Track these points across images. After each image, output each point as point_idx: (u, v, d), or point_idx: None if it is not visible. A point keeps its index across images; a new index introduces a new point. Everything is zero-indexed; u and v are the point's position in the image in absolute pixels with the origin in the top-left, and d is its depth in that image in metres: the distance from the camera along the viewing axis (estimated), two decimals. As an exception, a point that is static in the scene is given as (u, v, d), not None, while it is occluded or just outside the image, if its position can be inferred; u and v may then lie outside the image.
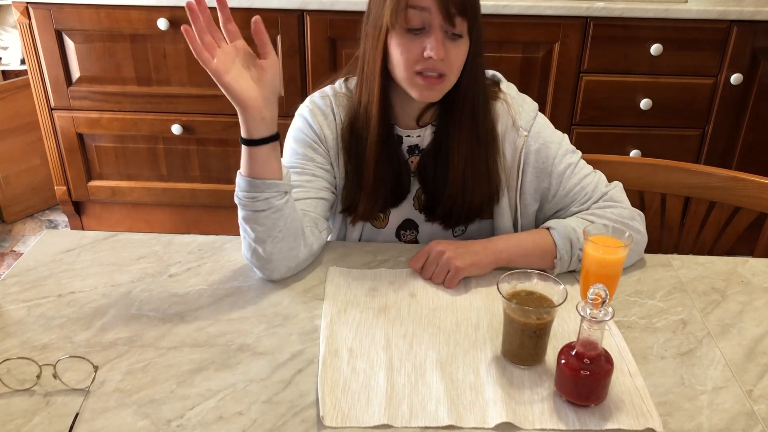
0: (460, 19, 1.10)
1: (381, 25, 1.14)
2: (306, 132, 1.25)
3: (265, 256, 1.12)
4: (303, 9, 2.24)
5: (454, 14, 1.09)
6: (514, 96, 1.27)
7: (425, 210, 1.29)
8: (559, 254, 1.17)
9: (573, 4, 2.21)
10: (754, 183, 1.41)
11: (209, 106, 2.42)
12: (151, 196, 2.61)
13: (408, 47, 1.12)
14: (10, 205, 2.81)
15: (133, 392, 0.92)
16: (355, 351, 1.00)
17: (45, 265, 1.19)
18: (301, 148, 1.24)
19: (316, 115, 1.25)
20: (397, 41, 1.13)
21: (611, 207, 1.23)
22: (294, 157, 1.25)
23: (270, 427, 0.87)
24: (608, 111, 2.39)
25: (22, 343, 1.00)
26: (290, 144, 1.26)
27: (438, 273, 1.16)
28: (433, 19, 1.10)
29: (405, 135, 1.26)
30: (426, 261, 1.17)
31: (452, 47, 1.12)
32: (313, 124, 1.25)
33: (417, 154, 1.27)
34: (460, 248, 1.17)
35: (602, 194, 1.24)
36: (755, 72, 2.32)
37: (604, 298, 0.86)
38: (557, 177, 1.25)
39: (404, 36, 1.12)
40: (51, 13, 2.29)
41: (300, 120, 1.27)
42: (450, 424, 0.88)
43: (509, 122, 1.25)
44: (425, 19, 1.10)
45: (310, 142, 1.25)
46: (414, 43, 1.12)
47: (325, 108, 1.26)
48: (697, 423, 0.90)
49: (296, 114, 1.28)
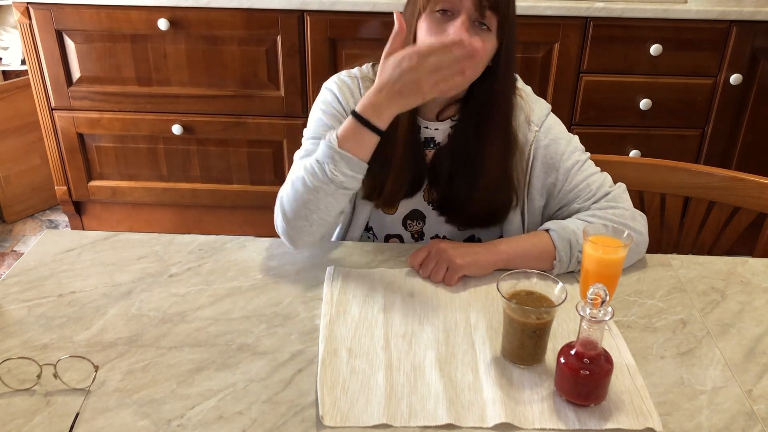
0: (491, 13, 1.10)
1: (416, 9, 1.14)
2: (334, 105, 1.25)
3: (309, 223, 1.14)
4: (303, 9, 2.24)
5: (486, 6, 1.09)
6: (529, 94, 1.29)
7: (437, 206, 1.29)
8: (558, 256, 1.17)
9: (573, 4, 2.21)
10: (753, 183, 1.41)
11: (209, 106, 2.42)
12: (151, 196, 2.61)
13: (433, 29, 1.11)
14: (10, 205, 2.81)
15: (133, 392, 0.92)
16: (355, 351, 1.00)
17: (45, 265, 1.19)
18: (328, 120, 1.24)
19: (343, 91, 1.25)
20: (425, 26, 1.12)
21: (612, 208, 1.23)
22: (322, 127, 1.24)
23: (270, 427, 0.87)
24: (608, 111, 2.39)
25: (22, 343, 1.00)
26: (317, 115, 1.26)
27: (437, 270, 1.16)
28: (463, 4, 1.09)
29: (423, 126, 1.26)
30: (425, 258, 1.17)
31: (477, 38, 1.10)
32: (340, 98, 1.25)
33: (431, 147, 1.27)
34: (460, 247, 1.17)
35: (605, 194, 1.25)
36: (755, 72, 2.32)
37: (604, 298, 0.86)
38: (564, 172, 1.25)
39: (432, 18, 1.12)
40: (51, 13, 2.29)
41: (328, 93, 1.27)
42: (449, 423, 0.88)
43: (521, 117, 1.25)
44: (455, 3, 1.10)
45: (337, 114, 1.24)
46: (440, 26, 1.11)
47: (353, 85, 1.26)
48: (697, 423, 0.90)
49: (323, 87, 1.28)
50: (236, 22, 2.27)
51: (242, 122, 2.44)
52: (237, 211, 2.65)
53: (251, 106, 2.41)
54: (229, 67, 2.36)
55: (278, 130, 2.44)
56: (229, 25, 2.28)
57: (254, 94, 2.40)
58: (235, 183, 2.56)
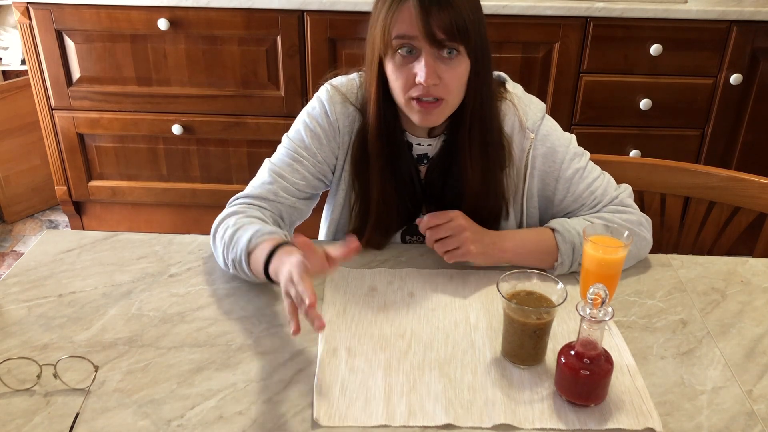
0: (453, 44, 1.08)
1: (375, 51, 1.13)
2: (320, 121, 1.23)
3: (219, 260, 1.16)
4: (303, 9, 2.24)
5: (443, 39, 1.06)
6: (520, 96, 1.25)
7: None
8: (560, 258, 1.17)
9: (573, 4, 2.21)
10: (753, 183, 1.41)
11: (209, 106, 2.42)
12: (151, 196, 2.61)
13: (400, 73, 1.11)
14: (10, 205, 2.81)
15: (133, 392, 0.92)
16: (354, 350, 1.00)
17: (45, 265, 1.19)
18: (309, 138, 1.23)
19: (334, 102, 1.23)
20: (391, 67, 1.12)
21: (620, 212, 1.22)
22: (299, 144, 1.23)
23: (270, 427, 0.87)
24: (608, 111, 2.39)
25: (22, 343, 1.00)
26: (300, 125, 1.24)
27: (448, 242, 1.14)
28: (421, 45, 1.07)
29: (416, 143, 1.25)
30: (440, 225, 1.15)
31: (446, 70, 1.09)
32: (329, 111, 1.23)
33: (425, 163, 1.26)
34: (478, 234, 1.16)
35: (612, 198, 1.24)
36: (755, 72, 2.32)
37: (604, 298, 0.86)
38: (565, 182, 1.23)
39: (396, 62, 1.11)
40: (51, 13, 2.29)
41: (318, 105, 1.24)
42: (448, 423, 0.88)
43: (516, 124, 1.23)
44: (413, 44, 1.08)
45: (319, 134, 1.23)
46: (406, 69, 1.10)
47: (348, 89, 1.24)
48: (697, 423, 0.90)
49: (315, 97, 1.26)
50: (236, 22, 2.27)
51: (242, 122, 2.44)
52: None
53: (251, 106, 2.41)
54: (228, 67, 2.36)
55: (278, 130, 2.41)
56: (229, 25, 2.28)
57: (254, 94, 2.40)
58: (235, 183, 2.56)
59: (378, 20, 1.11)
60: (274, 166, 1.23)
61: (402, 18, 1.07)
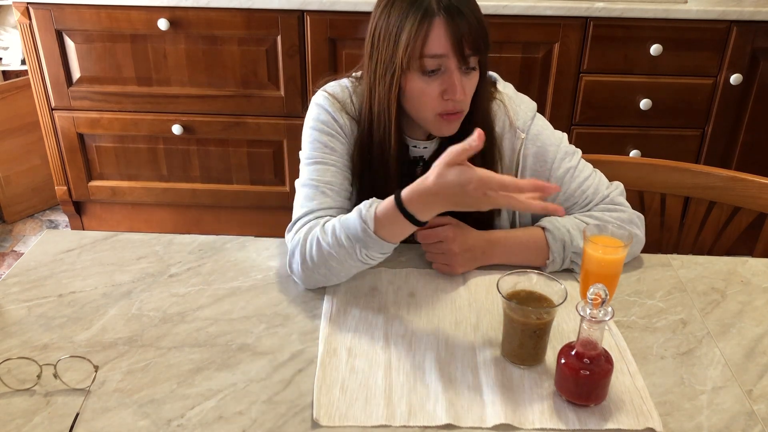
0: (474, 57, 1.11)
1: (394, 68, 1.11)
2: (329, 123, 1.22)
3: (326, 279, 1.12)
4: (303, 9, 2.24)
5: (469, 55, 1.09)
6: (511, 96, 1.26)
7: None
8: (551, 257, 1.17)
9: (573, 5, 2.21)
10: (753, 183, 1.41)
11: (209, 106, 2.42)
12: (151, 196, 2.61)
13: (426, 90, 1.11)
14: (10, 205, 2.81)
15: (133, 392, 0.92)
16: (354, 350, 1.00)
17: (45, 265, 1.19)
18: (326, 139, 1.21)
19: (334, 104, 1.23)
20: (414, 84, 1.12)
21: (611, 211, 1.22)
22: (320, 148, 1.21)
23: (270, 427, 0.87)
24: (608, 111, 2.39)
25: (22, 343, 1.00)
26: (312, 135, 1.22)
27: (435, 257, 1.18)
28: (449, 62, 1.09)
29: (412, 145, 1.25)
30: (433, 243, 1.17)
31: (467, 82, 1.12)
32: (333, 113, 1.22)
33: (420, 165, 1.26)
34: (466, 251, 1.17)
35: (603, 197, 1.24)
36: (755, 72, 2.32)
37: (604, 298, 0.86)
38: (556, 182, 1.24)
39: (421, 79, 1.11)
40: (51, 13, 2.29)
41: (320, 111, 1.23)
42: (448, 423, 0.88)
43: (506, 123, 1.23)
44: (442, 62, 1.09)
45: (334, 133, 1.22)
46: (432, 86, 1.11)
47: (343, 96, 1.24)
48: (697, 423, 0.90)
49: (312, 104, 1.25)
50: (236, 22, 2.27)
51: (242, 122, 2.44)
52: (237, 211, 2.65)
53: (251, 106, 2.41)
54: (228, 67, 2.36)
55: (278, 130, 2.44)
56: (229, 25, 2.28)
57: (254, 94, 2.40)
58: (235, 183, 2.56)
59: (396, 34, 1.10)
60: (310, 181, 1.19)
61: (432, 36, 1.08)
